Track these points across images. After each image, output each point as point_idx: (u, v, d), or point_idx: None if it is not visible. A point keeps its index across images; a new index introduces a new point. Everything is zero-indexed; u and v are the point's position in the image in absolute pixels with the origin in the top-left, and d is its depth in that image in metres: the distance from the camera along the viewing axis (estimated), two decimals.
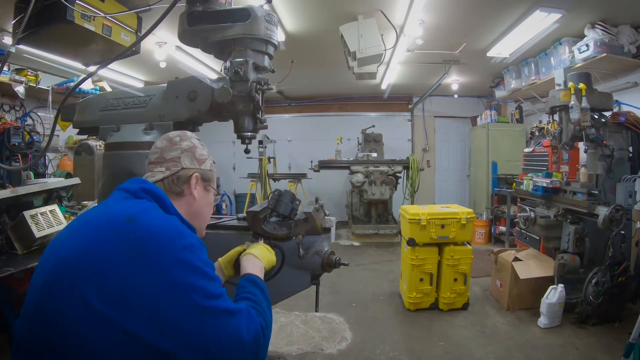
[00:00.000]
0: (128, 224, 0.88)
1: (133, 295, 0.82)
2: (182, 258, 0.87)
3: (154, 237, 0.88)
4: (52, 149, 4.85)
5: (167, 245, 0.87)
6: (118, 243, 0.86)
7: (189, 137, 1.17)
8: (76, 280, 0.83)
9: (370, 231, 6.25)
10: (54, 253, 0.93)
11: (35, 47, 2.85)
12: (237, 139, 1.63)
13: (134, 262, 0.84)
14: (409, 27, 3.79)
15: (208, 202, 1.19)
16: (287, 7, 3.59)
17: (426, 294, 3.54)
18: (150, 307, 0.82)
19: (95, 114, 1.63)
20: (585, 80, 3.30)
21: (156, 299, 0.82)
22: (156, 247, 0.86)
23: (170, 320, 0.83)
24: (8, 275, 1.93)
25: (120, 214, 0.92)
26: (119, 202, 0.99)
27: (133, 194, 1.01)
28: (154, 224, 0.90)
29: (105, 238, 0.87)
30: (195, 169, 1.12)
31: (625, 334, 2.44)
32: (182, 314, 0.83)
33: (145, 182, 1.05)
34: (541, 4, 3.42)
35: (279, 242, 1.46)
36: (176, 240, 0.89)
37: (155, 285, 0.83)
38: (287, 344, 2.98)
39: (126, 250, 0.85)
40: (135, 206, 0.96)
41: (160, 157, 1.12)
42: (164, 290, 0.83)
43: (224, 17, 1.52)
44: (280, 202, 1.47)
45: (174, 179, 1.09)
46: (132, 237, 0.86)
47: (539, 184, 3.62)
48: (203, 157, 1.16)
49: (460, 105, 7.79)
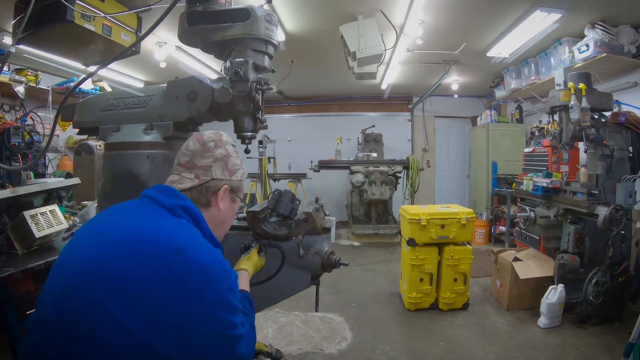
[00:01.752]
0: (177, 256, 0.88)
1: (165, 314, 0.83)
2: (225, 298, 0.91)
3: (204, 272, 0.89)
4: (52, 149, 4.84)
5: (214, 282, 0.90)
6: (167, 274, 0.86)
7: (224, 143, 1.12)
8: (104, 290, 0.83)
9: (370, 231, 6.24)
10: (79, 258, 0.91)
11: (35, 47, 2.85)
12: (237, 139, 1.62)
13: (180, 291, 0.85)
14: (409, 27, 3.79)
15: (233, 212, 1.17)
16: (287, 7, 3.59)
17: (426, 294, 3.54)
18: (181, 329, 0.84)
19: (95, 114, 1.63)
20: (585, 80, 3.30)
21: (190, 323, 0.85)
22: (205, 281, 0.88)
23: (198, 343, 0.86)
24: (8, 275, 1.93)
25: (168, 240, 0.90)
26: (159, 220, 0.96)
27: (171, 211, 0.98)
28: (205, 260, 0.91)
29: (152, 265, 0.86)
30: (225, 180, 1.09)
31: (625, 334, 2.44)
32: (210, 340, 0.88)
33: (183, 199, 1.02)
34: (541, 4, 3.42)
35: (278, 242, 1.46)
36: (223, 280, 0.92)
37: (194, 312, 0.85)
38: (287, 344, 2.98)
39: (174, 280, 0.85)
40: (182, 232, 0.95)
41: (191, 162, 1.08)
42: (202, 319, 0.86)
43: (224, 17, 1.52)
44: (280, 202, 1.47)
45: (202, 189, 1.06)
46: (182, 269, 0.87)
47: (539, 184, 3.62)
48: (235, 168, 1.12)
49: (460, 105, 7.80)
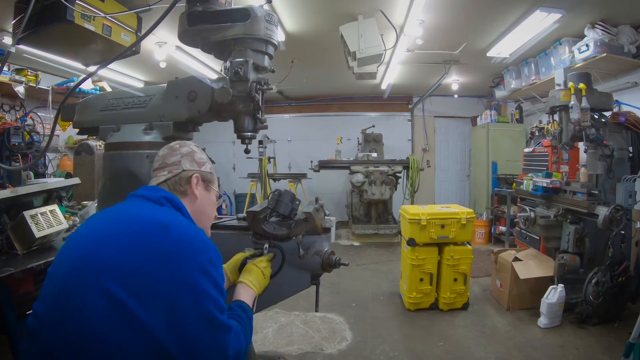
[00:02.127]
0: (162, 231, 0.97)
1: (155, 287, 0.90)
2: (205, 268, 0.96)
3: (185, 244, 0.97)
4: (52, 149, 4.84)
5: (195, 253, 0.97)
6: (153, 248, 0.94)
7: (187, 144, 1.27)
8: (101, 272, 0.90)
9: (370, 231, 6.24)
10: (76, 251, 0.98)
11: (35, 47, 2.85)
12: (237, 139, 1.63)
13: (164, 262, 0.92)
14: (409, 27, 3.78)
15: (210, 202, 1.27)
16: (287, 7, 3.59)
17: (426, 294, 3.54)
18: (168, 301, 0.90)
19: (95, 114, 1.63)
20: (585, 80, 3.30)
21: (175, 295, 0.91)
22: (186, 253, 0.95)
23: (183, 317, 0.91)
24: (8, 275, 1.93)
25: (153, 221, 1.00)
26: (145, 207, 1.07)
27: (156, 202, 1.09)
28: (186, 234, 1.00)
29: (137, 240, 0.95)
30: (195, 170, 1.21)
31: (625, 334, 2.44)
32: (193, 315, 0.92)
33: (164, 191, 1.14)
34: (541, 4, 3.42)
35: (278, 242, 1.46)
36: (204, 251, 0.99)
37: (178, 283, 0.91)
38: (287, 344, 2.98)
39: (159, 253, 0.93)
40: (165, 214, 1.05)
41: (163, 163, 1.21)
42: (185, 290, 0.92)
43: (224, 17, 1.52)
44: (280, 202, 1.47)
45: (176, 179, 1.18)
46: (166, 242, 0.96)
47: (539, 184, 3.62)
48: (202, 161, 1.25)
49: (460, 105, 7.79)
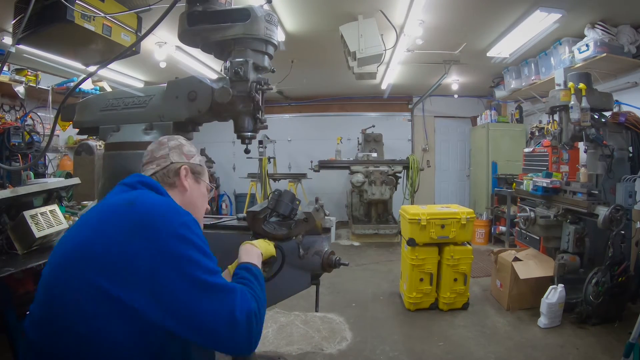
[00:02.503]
0: (129, 206, 0.96)
1: (132, 267, 0.86)
2: (179, 232, 0.92)
3: (152, 213, 0.94)
4: (52, 149, 4.84)
5: (165, 220, 0.93)
6: (119, 223, 0.92)
7: (175, 138, 1.25)
8: (81, 263, 0.90)
9: (370, 231, 6.24)
10: (61, 247, 0.99)
11: (35, 47, 2.85)
12: (237, 139, 1.63)
13: (133, 237, 0.89)
14: (409, 27, 3.79)
15: (201, 194, 1.24)
16: (287, 7, 3.59)
17: (426, 294, 3.54)
18: (148, 278, 0.86)
19: (95, 114, 1.63)
20: (585, 80, 3.30)
21: (154, 269, 0.86)
22: (155, 221, 0.92)
23: (167, 290, 0.86)
24: (8, 275, 1.93)
25: (120, 201, 1.00)
26: (118, 194, 1.07)
27: (130, 186, 1.09)
28: (153, 203, 0.99)
29: (107, 222, 0.94)
30: (183, 162, 1.20)
31: (625, 334, 2.44)
32: (178, 284, 0.86)
33: (142, 176, 1.14)
34: (541, 4, 3.42)
35: (279, 242, 1.46)
36: (174, 216, 0.95)
37: (153, 255, 0.87)
38: (287, 344, 2.98)
39: (126, 228, 0.91)
40: (134, 193, 1.05)
41: (151, 157, 1.20)
42: (162, 260, 0.87)
43: (224, 17, 1.53)
44: (280, 202, 1.47)
45: (164, 171, 1.17)
46: (132, 216, 0.93)
47: (539, 184, 3.62)
48: (191, 153, 1.24)
49: (460, 105, 7.80)
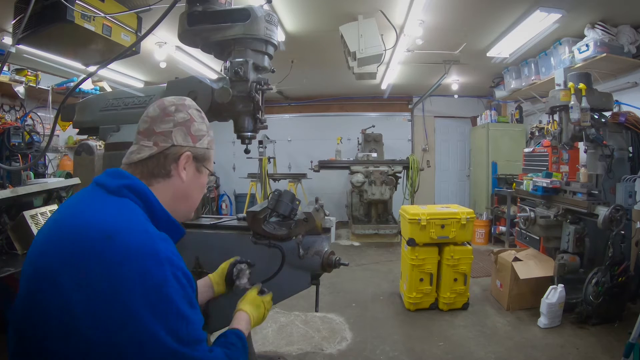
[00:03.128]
0: (105, 241, 0.78)
1: (102, 317, 0.74)
2: (157, 290, 0.77)
3: (129, 258, 0.77)
4: (52, 149, 4.84)
5: (142, 271, 0.77)
6: (92, 261, 0.77)
7: (187, 107, 1.02)
8: (48, 287, 0.77)
9: (370, 231, 6.24)
10: (33, 259, 0.85)
11: (35, 47, 2.85)
12: (237, 139, 1.63)
13: (105, 282, 0.75)
14: (409, 27, 3.78)
15: (199, 185, 1.05)
16: (287, 7, 3.59)
17: (426, 294, 3.54)
18: (116, 334, 0.74)
19: (95, 114, 1.64)
20: (585, 80, 3.30)
21: (122, 326, 0.74)
22: (130, 271, 0.76)
23: (132, 353, 0.75)
24: (8, 275, 1.93)
25: (97, 226, 0.81)
26: (95, 205, 0.87)
27: (114, 193, 0.89)
28: (134, 245, 0.79)
29: (79, 254, 0.78)
30: (187, 147, 0.99)
31: (625, 334, 2.44)
32: (147, 351, 0.75)
33: (128, 177, 0.93)
34: (541, 4, 3.42)
35: (278, 242, 1.46)
36: (154, 267, 0.78)
37: (124, 311, 0.74)
38: (287, 344, 2.98)
39: (100, 269, 0.76)
40: (115, 215, 0.84)
41: (150, 129, 0.97)
42: (131, 320, 0.74)
43: (224, 17, 1.53)
44: (280, 202, 1.47)
45: (161, 157, 0.96)
46: (107, 259, 0.77)
47: (539, 184, 3.62)
48: (200, 134, 1.01)
49: (460, 105, 7.80)
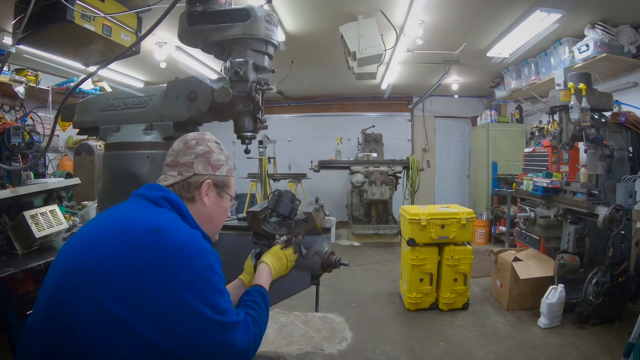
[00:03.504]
0: (154, 234, 0.91)
1: (147, 298, 0.85)
2: (203, 273, 0.92)
3: (179, 249, 0.91)
4: (52, 149, 4.85)
5: (191, 259, 0.91)
6: (145, 254, 0.89)
7: (206, 140, 1.15)
8: (92, 283, 0.86)
9: (370, 231, 6.24)
10: (70, 254, 0.95)
11: (35, 47, 2.86)
12: (237, 139, 1.62)
13: (154, 270, 0.87)
14: (409, 27, 3.79)
15: (222, 209, 1.18)
16: (287, 7, 3.59)
17: (426, 294, 3.54)
18: (162, 312, 0.86)
19: (95, 114, 1.63)
20: (585, 80, 3.30)
21: (169, 306, 0.87)
22: (181, 259, 0.90)
23: (178, 326, 0.88)
24: (8, 275, 1.93)
25: (145, 223, 0.94)
26: (141, 209, 1.01)
27: (154, 202, 1.02)
28: (181, 238, 0.94)
29: (127, 245, 0.90)
30: (208, 175, 1.11)
31: (625, 334, 2.44)
32: (191, 322, 0.88)
33: (166, 191, 1.06)
34: (541, 4, 3.42)
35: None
36: (199, 257, 0.93)
37: (172, 293, 0.87)
38: (287, 344, 2.98)
39: (151, 260, 0.88)
40: (159, 216, 0.98)
41: (174, 161, 1.12)
42: (178, 300, 0.87)
43: (224, 17, 1.52)
44: (280, 202, 1.47)
45: (184, 184, 1.09)
46: (158, 247, 0.90)
47: (539, 184, 3.62)
48: (219, 163, 1.14)
49: (460, 105, 7.80)
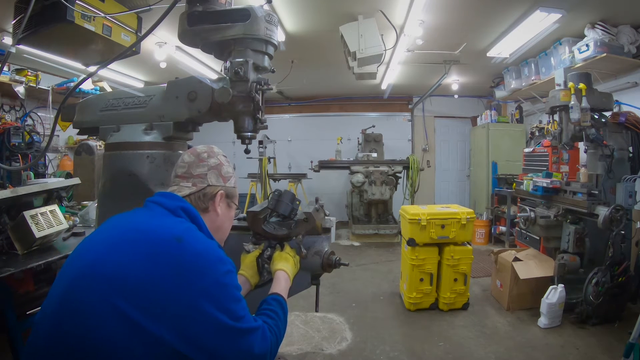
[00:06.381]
0: (176, 243, 0.95)
1: (165, 303, 0.88)
2: (221, 281, 0.96)
3: (200, 258, 0.95)
4: (52, 149, 4.85)
5: (210, 268, 0.95)
6: (166, 261, 0.92)
7: (215, 153, 1.23)
8: (109, 288, 0.88)
9: (370, 231, 6.24)
10: (86, 256, 0.96)
11: (35, 47, 2.86)
12: (237, 139, 1.62)
13: (175, 277, 0.91)
14: (409, 27, 3.78)
15: (229, 217, 1.25)
16: (287, 7, 3.59)
17: (426, 294, 3.54)
18: (180, 317, 0.89)
19: (95, 114, 1.63)
20: (585, 80, 3.29)
21: (188, 311, 0.90)
22: (200, 268, 0.94)
23: (195, 331, 0.90)
24: (8, 275, 1.93)
25: (167, 231, 0.98)
26: (160, 217, 1.04)
27: (172, 212, 1.06)
28: (200, 247, 0.98)
29: (153, 256, 0.93)
30: (220, 186, 1.18)
31: (625, 334, 2.44)
32: (208, 328, 0.92)
33: (182, 201, 1.10)
34: (541, 4, 3.42)
35: (278, 242, 1.46)
36: (218, 264, 0.97)
37: (191, 298, 0.90)
38: (287, 344, 2.98)
39: (171, 267, 0.91)
40: (179, 225, 1.02)
41: (188, 172, 1.17)
42: (197, 306, 0.91)
43: (224, 17, 1.52)
44: (280, 202, 1.47)
45: (199, 195, 1.14)
46: (179, 256, 0.93)
47: (539, 184, 3.62)
48: (228, 175, 1.21)
49: (460, 105, 7.80)
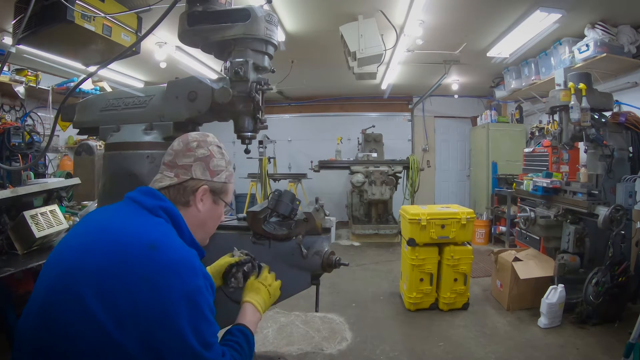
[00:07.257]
0: (149, 250, 0.90)
1: (136, 313, 0.84)
2: (192, 298, 0.89)
3: (172, 267, 0.89)
4: (52, 149, 4.84)
5: (182, 279, 0.89)
6: (135, 266, 0.87)
7: (208, 143, 1.11)
8: (84, 291, 0.85)
9: (370, 231, 6.24)
10: (62, 259, 0.93)
11: (35, 47, 2.86)
12: (237, 139, 1.63)
13: (147, 285, 0.86)
14: (409, 27, 3.79)
15: (215, 215, 1.14)
16: (287, 7, 3.59)
17: (426, 294, 3.54)
18: (150, 333, 0.84)
19: (95, 114, 1.63)
20: (585, 80, 3.29)
21: (158, 327, 0.85)
22: (172, 278, 0.88)
23: (164, 350, 0.85)
24: (8, 275, 1.94)
25: (141, 238, 0.92)
26: (136, 220, 0.98)
27: (151, 211, 1.00)
28: (175, 256, 0.92)
29: (124, 260, 0.88)
30: (205, 180, 1.08)
31: (625, 334, 2.44)
32: (173, 351, 0.86)
33: (162, 199, 1.03)
34: (541, 4, 3.42)
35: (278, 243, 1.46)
36: (191, 277, 0.91)
37: (159, 314, 0.85)
38: (287, 344, 2.98)
39: (142, 274, 0.87)
40: (155, 229, 0.96)
41: (173, 162, 1.08)
42: (164, 322, 0.86)
43: (224, 17, 1.52)
44: (280, 202, 1.47)
45: (180, 188, 1.06)
46: (151, 264, 0.88)
47: (539, 184, 3.62)
48: (218, 169, 1.10)
49: (460, 105, 7.80)
